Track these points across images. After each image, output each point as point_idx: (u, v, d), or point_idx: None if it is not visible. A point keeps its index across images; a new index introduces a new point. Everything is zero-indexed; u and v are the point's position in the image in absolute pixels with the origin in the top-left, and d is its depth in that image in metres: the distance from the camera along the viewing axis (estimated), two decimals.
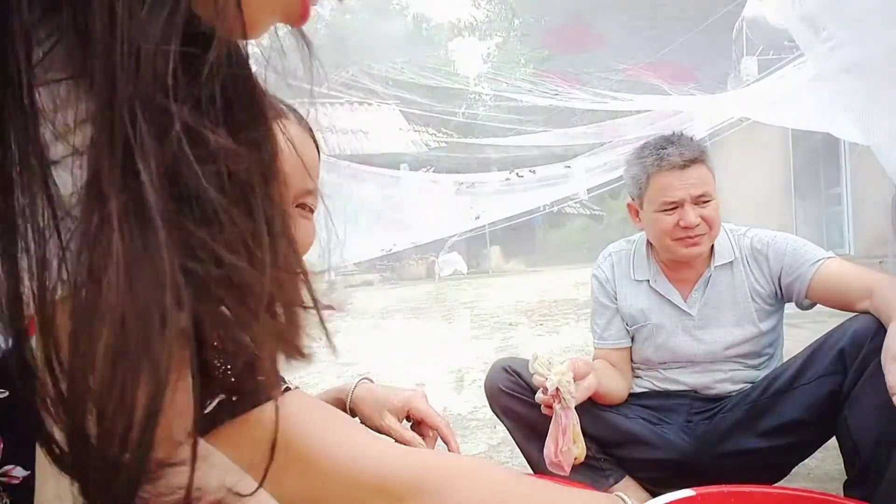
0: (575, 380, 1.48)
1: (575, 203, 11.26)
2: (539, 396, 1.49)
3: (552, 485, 0.83)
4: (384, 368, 4.35)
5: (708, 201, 1.63)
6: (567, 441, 1.43)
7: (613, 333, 1.82)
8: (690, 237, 1.63)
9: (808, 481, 1.89)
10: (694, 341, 1.74)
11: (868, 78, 1.69)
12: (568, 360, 1.52)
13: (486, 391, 1.76)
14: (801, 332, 1.85)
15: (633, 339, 1.81)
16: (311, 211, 0.96)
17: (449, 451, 1.13)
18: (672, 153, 1.62)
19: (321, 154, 1.04)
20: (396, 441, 1.09)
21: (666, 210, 1.64)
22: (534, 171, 3.66)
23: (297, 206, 0.93)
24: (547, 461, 1.45)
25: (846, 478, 1.46)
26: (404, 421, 1.15)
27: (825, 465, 1.83)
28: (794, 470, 1.70)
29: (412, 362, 4.63)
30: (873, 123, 1.80)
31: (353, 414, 1.14)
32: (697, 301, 1.74)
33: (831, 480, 1.73)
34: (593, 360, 1.85)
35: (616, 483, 1.69)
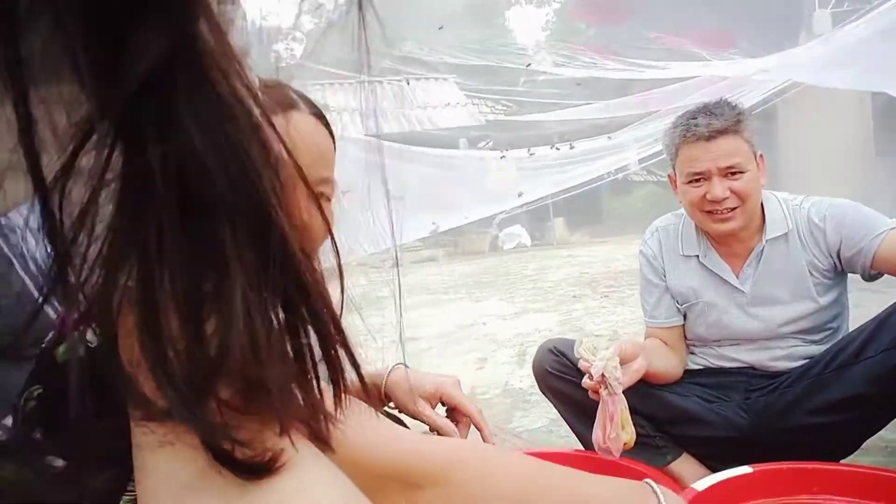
0: (623, 363, 1.47)
1: (641, 170, 10.98)
2: (585, 382, 1.47)
3: (578, 474, 0.83)
4: (444, 345, 4.41)
5: (739, 173, 1.57)
6: (615, 427, 1.42)
7: (664, 312, 1.78)
8: (719, 211, 1.59)
9: (884, 456, 1.82)
10: (749, 318, 1.69)
11: None
12: (615, 343, 1.50)
13: (534, 373, 1.77)
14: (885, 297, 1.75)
15: (685, 317, 1.77)
16: (328, 199, 0.96)
17: (482, 438, 1.12)
18: (700, 123, 1.57)
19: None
20: (429, 427, 1.10)
21: (692, 182, 1.61)
22: (573, 147, 3.59)
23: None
24: (596, 447, 1.45)
25: None
26: (439, 407, 1.16)
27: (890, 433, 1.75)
28: (869, 443, 1.64)
29: (473, 337, 4.67)
30: None
31: (388, 399, 1.14)
32: (750, 276, 1.68)
33: None
34: (645, 338, 1.82)
35: (674, 460, 1.67)
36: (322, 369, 0.37)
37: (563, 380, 1.68)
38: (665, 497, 0.80)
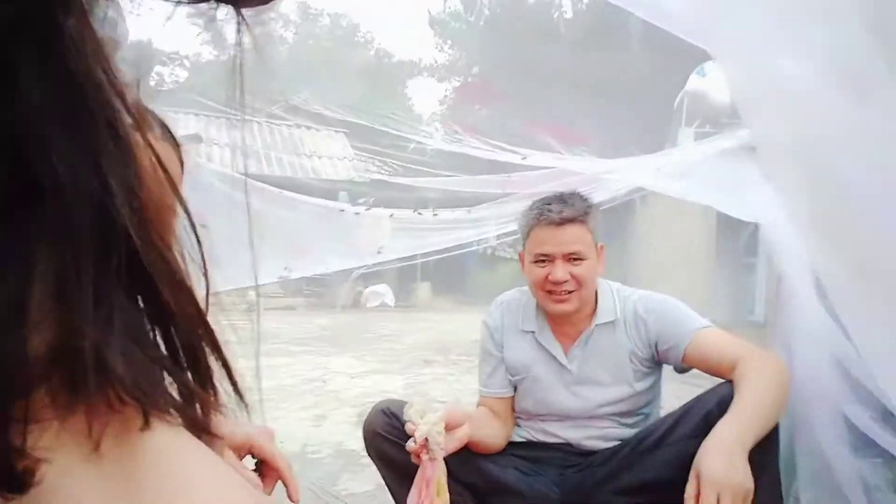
0: (448, 429, 1.49)
1: (509, 248, 11.40)
2: (409, 444, 1.48)
3: None
4: (283, 398, 4.24)
5: (580, 259, 1.65)
6: (430, 493, 1.42)
7: (497, 382, 1.81)
8: (558, 292, 1.66)
9: None
10: (571, 396, 1.75)
11: (765, 160, 1.77)
12: (443, 408, 1.52)
13: (364, 434, 1.73)
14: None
15: (515, 389, 1.81)
16: None
17: (288, 495, 1.09)
18: (553, 209, 1.66)
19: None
20: None
21: (539, 262, 1.68)
22: (436, 214, 3.71)
23: None
24: None
25: None
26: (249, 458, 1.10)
27: None
28: None
29: (316, 392, 4.53)
30: (764, 205, 1.87)
31: None
32: (577, 357, 1.75)
33: None
34: (478, 406, 1.85)
35: None
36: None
37: (391, 442, 1.65)
38: None
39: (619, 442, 1.70)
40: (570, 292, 1.66)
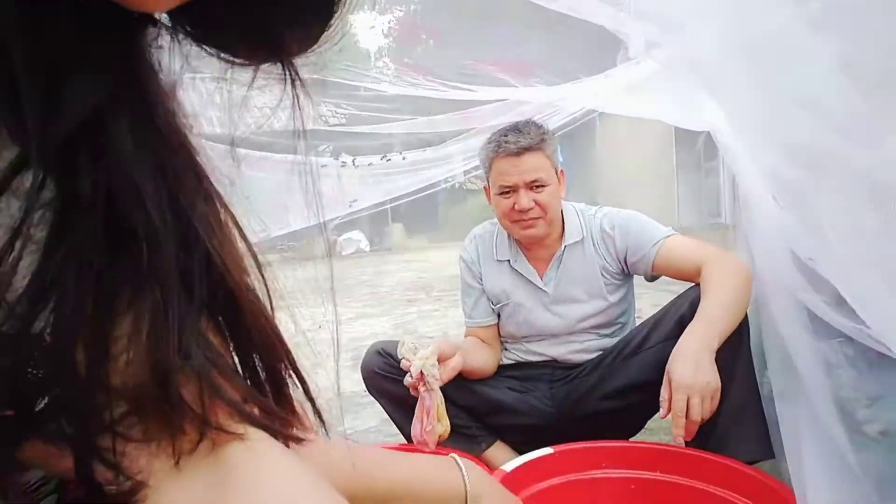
0: (441, 361, 1.58)
1: (476, 178, 11.40)
2: (406, 379, 1.57)
3: (392, 453, 0.90)
4: None
5: (542, 186, 1.72)
6: (431, 420, 1.53)
7: (480, 312, 1.92)
8: (525, 220, 1.74)
9: (665, 434, 2.06)
10: (551, 316, 1.85)
11: (702, 72, 1.83)
12: (434, 343, 1.61)
13: (362, 374, 1.82)
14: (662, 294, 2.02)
15: (499, 316, 1.91)
16: None
17: None
18: (510, 140, 1.71)
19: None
20: None
21: (503, 193, 1.75)
22: (404, 157, 3.74)
23: None
24: (414, 439, 1.55)
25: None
26: None
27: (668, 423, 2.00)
28: (652, 424, 1.87)
29: (307, 341, 4.61)
30: (707, 113, 1.95)
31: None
32: (553, 278, 1.84)
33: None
34: (465, 336, 1.95)
35: (488, 448, 1.80)
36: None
37: (389, 379, 1.75)
38: (466, 467, 0.89)
39: (601, 352, 1.82)
40: (536, 218, 1.74)
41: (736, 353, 1.48)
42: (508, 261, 1.88)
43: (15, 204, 0.30)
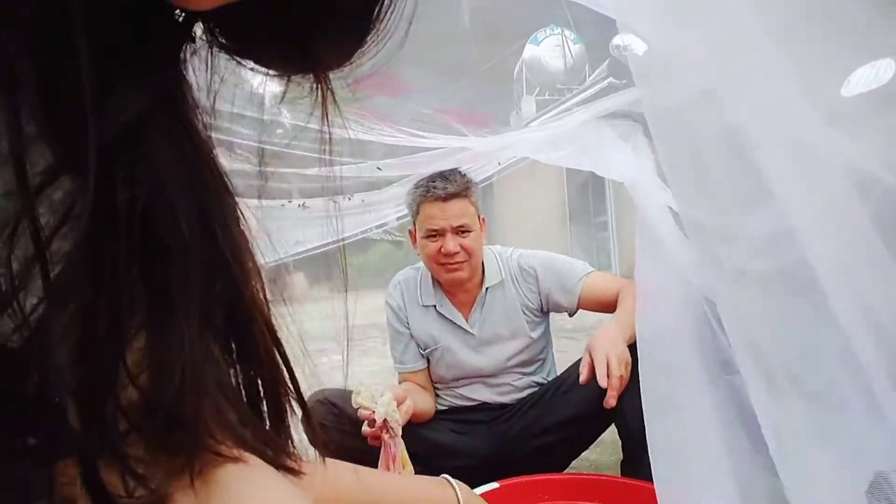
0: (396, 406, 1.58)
1: (378, 230, 11.44)
2: (366, 429, 1.56)
3: (392, 474, 0.96)
4: None
5: (467, 231, 1.80)
6: (397, 467, 1.52)
7: (411, 357, 1.96)
8: (451, 263, 1.81)
9: (588, 471, 2.20)
10: (479, 356, 1.93)
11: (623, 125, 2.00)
12: (387, 389, 1.62)
13: (304, 427, 1.80)
14: (580, 343, 2.20)
15: (427, 361, 1.97)
16: None
17: None
18: (438, 186, 1.79)
19: None
20: None
21: (430, 237, 1.81)
22: (350, 198, 3.78)
23: None
24: None
25: (622, 458, 1.73)
26: None
27: (602, 457, 2.15)
28: (577, 464, 1.98)
29: None
30: (628, 165, 2.14)
31: None
32: (478, 320, 1.92)
33: (608, 469, 2.03)
34: (399, 382, 1.98)
35: None
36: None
37: (336, 431, 1.73)
38: (459, 487, 0.97)
39: (529, 391, 1.92)
40: (461, 262, 1.81)
41: (635, 357, 1.57)
42: (434, 306, 1.93)
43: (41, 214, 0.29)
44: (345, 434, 1.71)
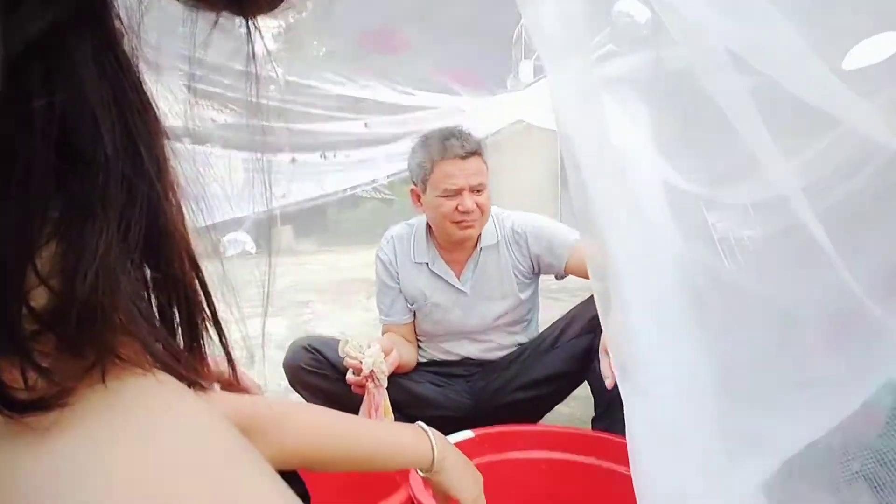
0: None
1: (367, 187, 11.41)
2: (351, 378, 1.60)
3: (366, 421, 0.98)
4: None
5: (482, 190, 1.81)
6: (380, 416, 1.56)
7: (398, 310, 1.98)
8: (466, 221, 1.81)
9: (563, 423, 2.25)
10: (468, 315, 1.95)
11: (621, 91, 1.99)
12: (374, 341, 1.65)
13: (286, 371, 1.84)
14: (564, 303, 2.23)
15: (414, 315, 2.00)
16: None
17: None
18: (454, 144, 1.77)
19: None
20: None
21: (447, 196, 1.79)
22: (348, 156, 3.76)
23: None
24: None
25: (594, 415, 1.79)
26: None
27: (576, 411, 2.19)
28: (550, 417, 2.03)
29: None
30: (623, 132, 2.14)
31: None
32: (469, 279, 1.94)
33: (580, 423, 2.08)
34: (382, 333, 2.01)
35: None
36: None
37: (318, 375, 1.79)
38: (434, 435, 0.99)
39: (515, 348, 1.97)
40: (474, 220, 1.81)
41: None
42: (427, 263, 1.94)
43: None
44: (325, 378, 1.78)
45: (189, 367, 0.37)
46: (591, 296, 1.83)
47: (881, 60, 1.06)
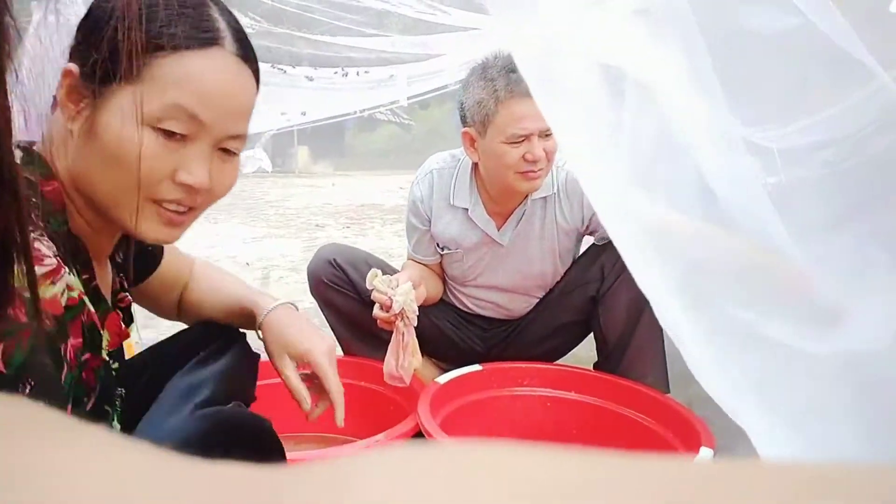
0: None
1: (385, 110, 11.25)
2: (378, 313, 1.49)
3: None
4: None
5: (550, 134, 1.52)
6: (408, 356, 1.48)
7: (423, 250, 1.84)
8: (535, 171, 1.57)
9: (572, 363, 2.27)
10: (500, 271, 1.80)
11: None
12: (404, 276, 1.58)
13: (309, 274, 1.77)
14: None
15: (442, 256, 1.85)
16: (235, 154, 0.84)
17: (335, 419, 1.06)
18: (521, 79, 1.43)
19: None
20: (287, 387, 1.06)
21: (514, 142, 1.55)
22: (367, 72, 3.65)
23: (218, 150, 0.80)
24: (387, 376, 1.49)
25: (596, 360, 1.79)
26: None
27: (581, 351, 2.19)
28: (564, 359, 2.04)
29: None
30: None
31: (260, 335, 1.07)
32: (509, 232, 1.75)
33: (588, 363, 2.08)
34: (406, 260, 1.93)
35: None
36: None
37: (340, 293, 1.72)
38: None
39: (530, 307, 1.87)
40: (541, 170, 1.58)
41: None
42: (466, 209, 1.74)
43: None
44: (345, 297, 1.74)
45: None
46: (593, 244, 1.79)
47: None
